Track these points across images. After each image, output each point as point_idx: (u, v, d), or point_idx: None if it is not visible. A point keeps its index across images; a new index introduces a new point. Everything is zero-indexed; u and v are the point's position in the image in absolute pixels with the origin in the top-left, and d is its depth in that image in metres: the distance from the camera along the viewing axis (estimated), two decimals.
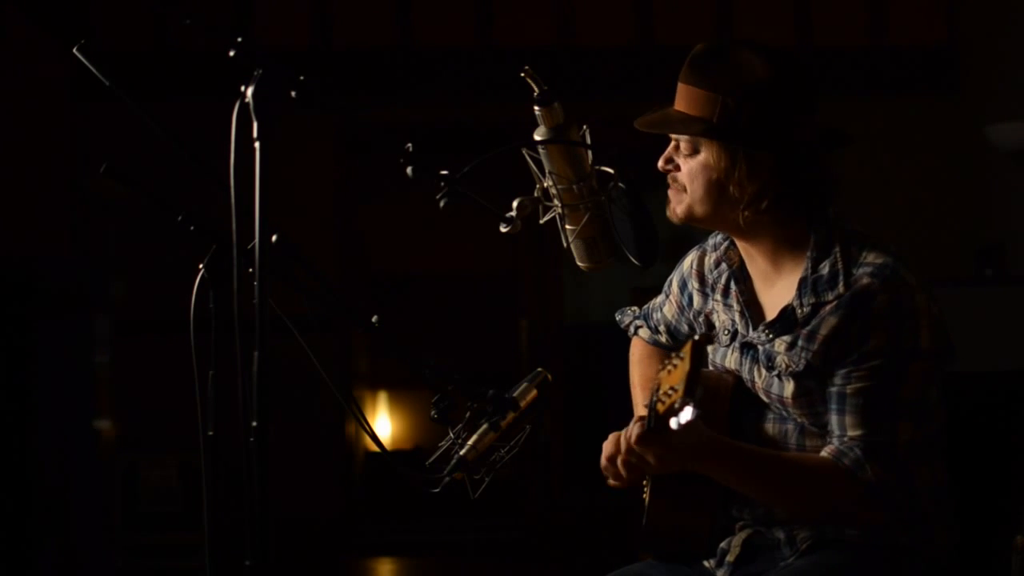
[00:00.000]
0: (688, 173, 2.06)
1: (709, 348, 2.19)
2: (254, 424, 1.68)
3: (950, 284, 5.37)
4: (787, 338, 2.06)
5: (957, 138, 6.66)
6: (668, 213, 2.11)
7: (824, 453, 2.02)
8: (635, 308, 2.49)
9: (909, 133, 6.75)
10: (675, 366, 1.85)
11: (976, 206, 6.61)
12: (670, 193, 2.11)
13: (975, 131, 6.16)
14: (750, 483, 2.05)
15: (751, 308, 2.14)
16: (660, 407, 1.85)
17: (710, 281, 2.23)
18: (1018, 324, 5.02)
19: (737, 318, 2.15)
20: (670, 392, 1.83)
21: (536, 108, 1.97)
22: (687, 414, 1.78)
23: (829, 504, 2.02)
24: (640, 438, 1.95)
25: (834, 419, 2.02)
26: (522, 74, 1.96)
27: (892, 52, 6.77)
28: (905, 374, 1.98)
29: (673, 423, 1.80)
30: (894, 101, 6.75)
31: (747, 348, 2.12)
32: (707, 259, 2.25)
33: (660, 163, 2.10)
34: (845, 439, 2.00)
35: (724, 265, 2.19)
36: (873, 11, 6.77)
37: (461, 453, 1.94)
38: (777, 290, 2.11)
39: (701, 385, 1.81)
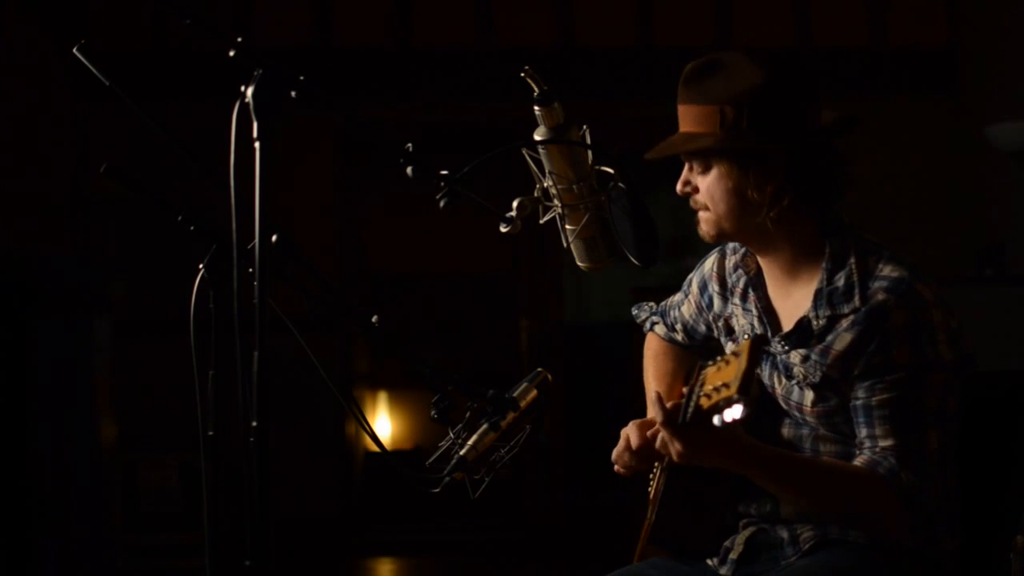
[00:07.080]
0: (706, 191, 2.08)
1: None
2: (254, 424, 1.67)
3: (950, 284, 5.37)
4: (802, 351, 2.06)
5: (957, 138, 6.66)
6: (701, 234, 2.13)
7: (857, 463, 2.02)
8: (652, 304, 2.48)
9: (909, 133, 6.75)
10: (727, 363, 1.83)
11: (976, 206, 6.60)
12: (698, 216, 2.13)
13: (975, 131, 6.16)
14: (788, 488, 2.06)
15: (768, 315, 2.14)
16: (704, 401, 1.83)
17: (729, 284, 2.23)
18: (1018, 324, 5.03)
19: (756, 323, 2.15)
20: (720, 388, 1.80)
21: (536, 108, 1.97)
22: (736, 411, 1.76)
23: (866, 511, 2.02)
24: (670, 426, 1.93)
25: (863, 431, 2.02)
26: (522, 74, 1.96)
27: (892, 52, 6.76)
28: (927, 384, 1.99)
29: (716, 420, 1.78)
30: (894, 101, 6.75)
31: (766, 355, 2.13)
32: (727, 262, 2.25)
33: (679, 187, 2.13)
34: (877, 449, 2.00)
35: (741, 271, 2.20)
36: (873, 11, 6.77)
37: (461, 453, 1.94)
38: (794, 300, 2.11)
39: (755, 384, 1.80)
